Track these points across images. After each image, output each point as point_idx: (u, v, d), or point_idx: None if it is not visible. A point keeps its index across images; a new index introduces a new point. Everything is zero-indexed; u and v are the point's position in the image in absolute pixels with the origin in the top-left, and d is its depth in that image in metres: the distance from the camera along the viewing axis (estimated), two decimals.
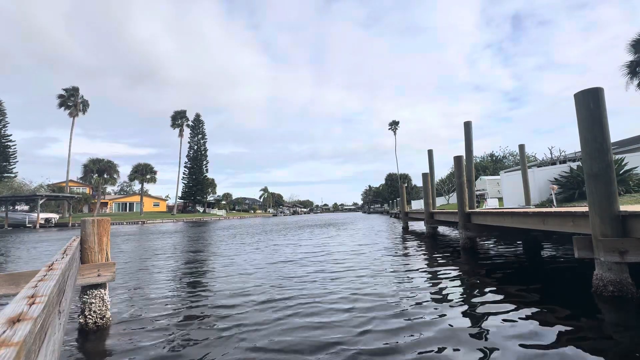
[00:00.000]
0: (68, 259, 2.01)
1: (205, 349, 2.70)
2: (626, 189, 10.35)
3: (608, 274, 3.52)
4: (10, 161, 46.65)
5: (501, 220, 6.53)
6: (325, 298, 4.06)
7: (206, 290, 4.76)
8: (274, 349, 2.67)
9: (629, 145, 18.85)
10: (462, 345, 2.60)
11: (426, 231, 12.37)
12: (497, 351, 2.47)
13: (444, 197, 33.90)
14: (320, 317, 3.36)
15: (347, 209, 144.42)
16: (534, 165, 21.85)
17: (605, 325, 2.95)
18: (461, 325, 3.01)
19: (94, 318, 3.21)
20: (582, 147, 3.90)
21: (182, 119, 59.95)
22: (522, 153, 12.69)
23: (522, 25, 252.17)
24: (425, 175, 13.38)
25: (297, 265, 6.55)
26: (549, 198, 11.74)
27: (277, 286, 4.78)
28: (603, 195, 3.62)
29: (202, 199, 64.92)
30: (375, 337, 2.81)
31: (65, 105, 46.01)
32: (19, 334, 0.69)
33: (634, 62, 21.35)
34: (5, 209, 32.13)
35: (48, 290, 1.13)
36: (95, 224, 3.32)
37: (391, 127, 77.74)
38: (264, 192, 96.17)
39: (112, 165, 45.83)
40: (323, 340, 2.77)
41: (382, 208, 74.67)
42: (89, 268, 3.22)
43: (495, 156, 42.69)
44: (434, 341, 2.69)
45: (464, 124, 9.62)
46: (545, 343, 2.57)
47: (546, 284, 4.48)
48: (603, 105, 3.76)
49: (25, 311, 0.86)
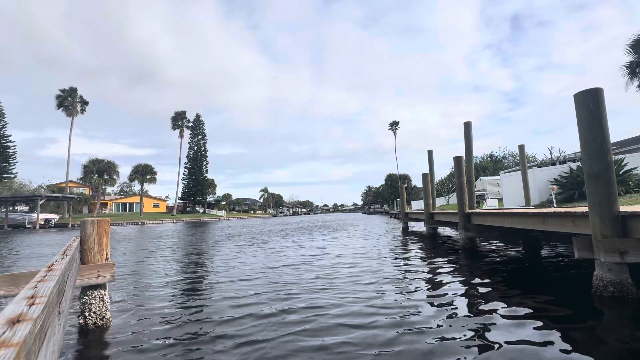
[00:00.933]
0: (68, 260, 2.01)
1: (205, 350, 2.70)
2: (626, 189, 10.35)
3: (608, 274, 3.52)
4: (10, 162, 46.62)
5: (501, 220, 6.53)
6: (330, 311, 3.55)
7: (206, 291, 4.75)
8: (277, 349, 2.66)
9: (629, 145, 18.85)
10: (463, 345, 2.60)
11: (426, 232, 12.37)
12: (497, 351, 2.46)
13: (444, 197, 33.90)
14: (326, 334, 2.93)
15: (347, 209, 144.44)
16: (534, 165, 21.85)
17: (605, 326, 2.94)
18: (461, 326, 3.01)
19: (94, 319, 3.21)
20: (582, 147, 3.90)
21: (182, 120, 60.01)
22: (522, 153, 12.69)
23: (521, 26, 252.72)
24: (425, 175, 13.39)
25: (298, 270, 6.54)
26: (549, 198, 11.74)
27: (279, 282, 4.79)
28: (603, 196, 3.62)
29: (202, 200, 64.91)
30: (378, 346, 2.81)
31: (63, 105, 46.04)
32: (18, 335, 0.69)
33: (633, 63, 21.37)
34: (5, 209, 32.10)
35: (48, 291, 1.13)
36: (95, 225, 3.32)
37: (391, 127, 77.86)
38: (264, 193, 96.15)
39: (112, 166, 45.84)
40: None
41: (382, 208, 74.70)
42: (89, 269, 3.21)
43: (495, 156, 42.70)
44: (434, 341, 2.69)
45: (464, 124, 9.62)
46: (545, 343, 2.56)
47: (546, 284, 4.47)
48: (603, 105, 3.76)
49: (25, 312, 0.86)
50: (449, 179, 37.76)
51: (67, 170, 45.90)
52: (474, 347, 2.57)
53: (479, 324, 3.05)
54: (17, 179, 44.49)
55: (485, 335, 2.77)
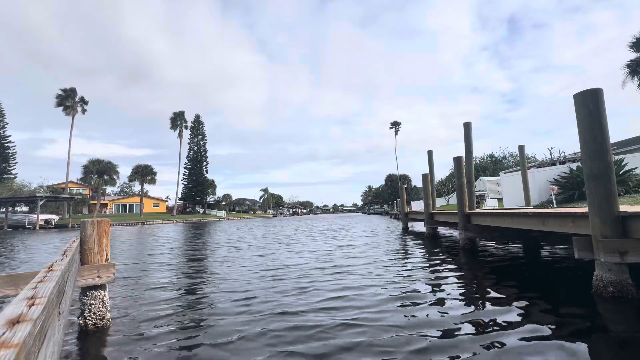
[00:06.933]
0: (68, 260, 2.01)
1: (206, 350, 2.70)
2: (626, 189, 10.35)
3: (608, 274, 3.52)
4: (10, 162, 46.60)
5: (501, 220, 6.53)
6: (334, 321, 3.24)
7: (207, 291, 4.75)
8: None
9: (629, 145, 18.86)
10: (463, 345, 2.60)
11: (426, 232, 12.36)
12: (497, 351, 2.46)
13: (443, 197, 33.91)
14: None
15: (347, 209, 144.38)
16: (534, 166, 21.86)
17: (605, 326, 2.94)
18: (462, 326, 3.01)
19: (94, 319, 3.21)
20: (582, 147, 3.90)
21: (181, 121, 60.02)
22: (522, 154, 12.70)
23: (517, 28, 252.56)
24: (425, 176, 13.39)
25: (294, 277, 6.53)
26: (549, 199, 11.74)
27: (275, 278, 4.79)
28: (603, 196, 3.62)
29: (202, 200, 64.89)
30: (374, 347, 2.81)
31: (63, 105, 46.02)
32: (18, 336, 0.69)
33: (634, 62, 21.40)
34: (5, 210, 32.09)
35: (48, 291, 1.13)
36: (95, 225, 3.32)
37: (392, 127, 77.78)
38: (264, 193, 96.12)
39: (112, 166, 45.83)
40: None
41: (382, 209, 74.67)
42: (89, 269, 3.21)
43: (494, 157, 42.72)
44: (434, 341, 2.69)
45: (464, 124, 9.63)
46: (545, 344, 2.56)
47: (546, 284, 4.47)
48: (602, 105, 3.77)
49: (25, 312, 0.86)
50: (449, 179, 37.77)
51: (67, 171, 45.93)
52: (474, 347, 2.57)
53: (478, 323, 3.05)
54: (17, 180, 44.51)
55: (485, 335, 2.77)
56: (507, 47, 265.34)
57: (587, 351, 2.42)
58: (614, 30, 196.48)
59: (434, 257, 7.13)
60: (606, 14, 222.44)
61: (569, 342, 2.58)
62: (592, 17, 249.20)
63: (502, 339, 2.68)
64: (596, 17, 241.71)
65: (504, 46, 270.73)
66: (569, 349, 2.46)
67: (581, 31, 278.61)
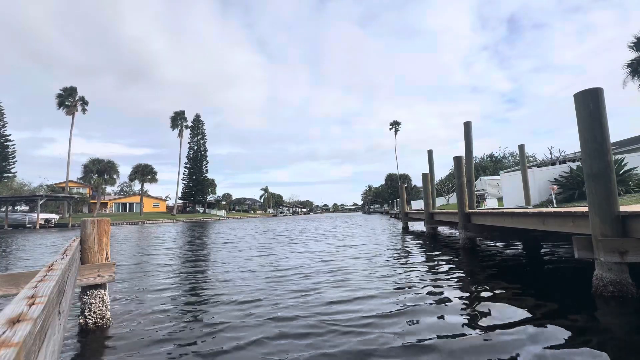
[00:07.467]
0: (68, 260, 2.01)
1: (206, 350, 2.70)
2: (626, 189, 10.34)
3: (608, 274, 3.52)
4: (10, 161, 46.61)
5: (501, 220, 6.53)
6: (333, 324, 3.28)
7: (207, 291, 4.75)
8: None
9: (629, 145, 18.85)
10: (462, 345, 2.60)
11: (426, 231, 12.37)
12: (497, 351, 2.46)
13: (443, 197, 33.88)
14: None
15: (347, 209, 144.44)
16: (534, 165, 21.84)
17: (605, 326, 2.94)
18: (462, 326, 3.01)
19: (94, 318, 3.21)
20: (582, 147, 3.90)
21: (181, 120, 60.02)
22: (522, 153, 12.69)
23: (517, 28, 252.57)
24: (425, 175, 13.38)
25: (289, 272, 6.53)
26: (549, 198, 11.74)
27: (274, 278, 4.79)
28: (603, 196, 3.62)
29: (202, 200, 64.91)
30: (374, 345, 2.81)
31: (63, 104, 45.99)
32: (18, 335, 0.69)
33: (634, 62, 21.38)
34: (5, 209, 32.11)
35: (48, 290, 1.13)
36: (95, 225, 3.32)
37: (392, 127, 77.73)
38: (264, 192, 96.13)
39: (112, 166, 45.84)
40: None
41: (382, 208, 74.62)
42: (89, 268, 3.22)
43: (495, 156, 42.70)
44: (434, 341, 2.69)
45: (464, 124, 9.62)
46: (545, 344, 2.56)
47: (546, 284, 4.47)
48: (603, 105, 3.76)
49: (25, 312, 0.86)
50: (449, 178, 37.74)
51: (67, 170, 45.92)
52: (473, 347, 2.57)
53: (478, 323, 3.05)
54: (17, 179, 44.50)
55: (485, 335, 2.77)
56: (507, 47, 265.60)
57: (587, 351, 2.42)
58: (614, 30, 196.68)
59: (434, 257, 7.13)
60: (606, 14, 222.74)
61: (568, 341, 2.58)
62: (592, 17, 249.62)
63: (502, 339, 2.68)
64: (596, 17, 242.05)
65: (503, 46, 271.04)
66: (569, 348, 2.46)
67: (581, 31, 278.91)
